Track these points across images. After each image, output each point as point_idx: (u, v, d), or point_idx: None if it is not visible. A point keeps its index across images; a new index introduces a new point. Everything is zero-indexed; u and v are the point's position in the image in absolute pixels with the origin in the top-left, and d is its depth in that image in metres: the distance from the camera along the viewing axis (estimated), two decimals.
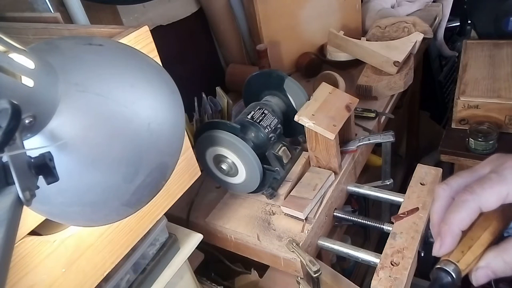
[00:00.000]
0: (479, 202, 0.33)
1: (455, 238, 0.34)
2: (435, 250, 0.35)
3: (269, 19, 1.13)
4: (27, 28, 0.57)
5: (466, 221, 0.33)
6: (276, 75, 0.80)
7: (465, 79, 1.03)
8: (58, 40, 0.32)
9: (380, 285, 0.59)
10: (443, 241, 0.34)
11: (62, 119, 0.27)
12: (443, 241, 0.34)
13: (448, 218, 0.34)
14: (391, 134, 0.81)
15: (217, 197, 0.82)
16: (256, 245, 0.72)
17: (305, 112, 0.73)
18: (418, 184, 0.73)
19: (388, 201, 0.77)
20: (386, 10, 1.34)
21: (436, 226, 0.36)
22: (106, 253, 0.49)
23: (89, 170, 0.29)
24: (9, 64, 0.23)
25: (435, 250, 0.35)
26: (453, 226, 0.34)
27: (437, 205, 0.37)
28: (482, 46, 1.15)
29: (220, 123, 0.72)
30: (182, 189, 0.60)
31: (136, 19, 0.98)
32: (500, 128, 0.95)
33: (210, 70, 1.25)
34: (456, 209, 0.34)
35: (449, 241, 0.34)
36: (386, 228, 0.70)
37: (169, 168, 0.36)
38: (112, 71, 0.31)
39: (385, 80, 1.02)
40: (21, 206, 0.24)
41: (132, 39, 0.46)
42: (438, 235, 0.35)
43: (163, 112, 0.33)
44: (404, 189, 0.73)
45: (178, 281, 0.66)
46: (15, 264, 0.39)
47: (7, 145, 0.22)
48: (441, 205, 0.36)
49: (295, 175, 0.78)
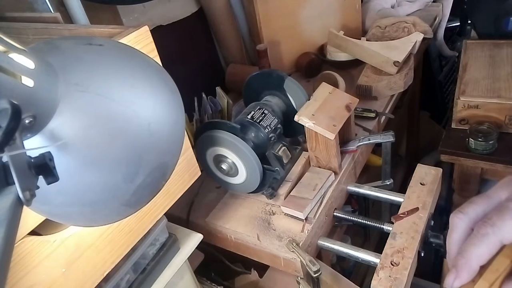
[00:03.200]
0: (500, 236, 0.31)
1: (472, 274, 0.32)
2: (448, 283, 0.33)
3: (269, 19, 1.13)
4: (27, 28, 0.57)
5: (485, 256, 0.32)
6: (276, 75, 0.80)
7: (465, 79, 1.03)
8: (58, 40, 0.32)
9: (380, 285, 0.59)
10: (459, 274, 0.32)
11: (62, 119, 0.27)
12: (459, 274, 0.32)
13: (466, 252, 0.32)
14: (391, 134, 0.81)
15: (217, 197, 0.82)
16: (256, 245, 0.72)
17: (305, 112, 0.73)
18: (418, 184, 0.73)
19: (388, 201, 0.77)
20: (386, 10, 1.34)
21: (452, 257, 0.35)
22: (106, 253, 0.49)
23: (89, 170, 0.29)
24: (9, 64, 0.23)
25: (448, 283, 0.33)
26: (471, 261, 0.32)
27: (454, 236, 0.35)
28: (482, 46, 1.15)
29: (220, 123, 0.72)
30: (182, 189, 0.60)
31: (136, 19, 0.98)
32: (500, 128, 0.95)
33: (210, 70, 1.25)
34: (476, 243, 0.32)
35: (465, 276, 0.32)
36: (386, 228, 0.70)
37: (169, 168, 0.36)
38: (112, 71, 0.31)
39: (385, 80, 1.02)
40: (21, 206, 0.24)
41: (132, 39, 0.46)
42: (453, 268, 0.33)
43: (163, 112, 0.33)
44: (404, 189, 0.73)
45: (178, 281, 0.66)
46: (15, 264, 0.39)
47: (7, 145, 0.22)
48: (458, 236, 0.35)
49: (295, 175, 0.78)
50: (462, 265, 0.32)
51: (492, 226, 0.31)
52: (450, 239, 0.35)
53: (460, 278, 0.32)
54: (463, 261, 0.32)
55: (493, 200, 0.34)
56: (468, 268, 0.32)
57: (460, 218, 0.35)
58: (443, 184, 0.76)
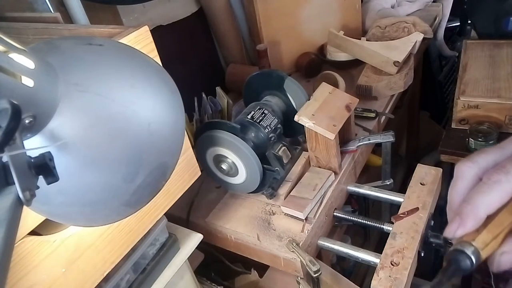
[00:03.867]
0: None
1: (478, 223, 0.29)
2: (450, 231, 0.30)
3: (269, 19, 1.13)
4: (27, 28, 0.57)
5: (495, 205, 0.29)
6: (276, 75, 0.80)
7: (465, 79, 1.03)
8: (58, 40, 0.32)
9: (380, 285, 0.59)
10: (463, 222, 0.29)
11: (62, 119, 0.27)
12: (463, 222, 0.29)
13: (473, 199, 0.29)
14: (391, 134, 0.81)
15: (217, 197, 0.82)
16: (256, 245, 0.72)
17: (305, 112, 0.73)
18: (418, 184, 0.73)
19: (388, 201, 0.77)
20: (386, 10, 1.34)
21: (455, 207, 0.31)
22: (106, 253, 0.49)
23: (89, 170, 0.29)
24: (9, 64, 0.23)
25: (450, 231, 0.30)
26: (478, 209, 0.29)
27: (460, 184, 0.31)
28: (482, 46, 1.15)
29: (220, 123, 0.72)
30: (182, 189, 0.60)
31: (136, 19, 0.98)
32: (500, 128, 0.95)
33: (210, 70, 1.25)
34: (486, 190, 0.29)
35: (470, 224, 0.29)
36: (386, 228, 0.70)
37: (169, 168, 0.36)
38: (112, 71, 0.31)
39: (385, 80, 1.02)
40: (21, 206, 0.24)
41: (132, 39, 0.46)
42: (457, 215, 0.30)
43: (163, 112, 0.33)
44: (404, 189, 0.73)
45: (178, 281, 0.66)
46: (15, 264, 0.39)
47: (7, 145, 0.22)
48: (465, 185, 0.31)
49: (295, 175, 0.78)
50: (468, 213, 0.29)
51: (506, 174, 0.29)
52: (455, 187, 0.32)
53: (464, 226, 0.29)
54: (469, 208, 0.29)
55: (506, 151, 0.31)
56: (474, 216, 0.29)
57: (469, 167, 0.32)
58: (443, 184, 0.76)
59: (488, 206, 0.29)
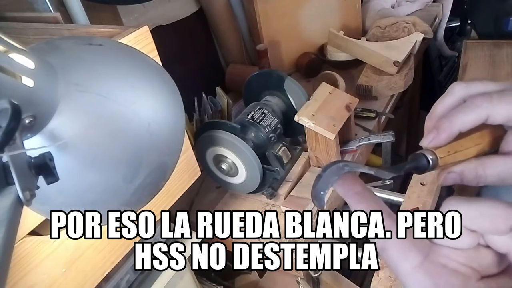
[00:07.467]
0: (491, 112, 0.31)
1: (450, 138, 0.33)
2: (425, 141, 0.34)
3: (269, 19, 1.13)
4: (27, 28, 0.57)
5: (470, 124, 0.32)
6: (276, 75, 0.80)
7: (465, 79, 1.03)
8: (58, 40, 0.32)
9: (380, 285, 0.59)
10: (439, 135, 0.33)
11: (62, 119, 0.27)
12: (439, 135, 0.33)
13: (453, 116, 0.32)
14: (391, 134, 0.81)
15: (217, 197, 0.82)
16: None
17: (305, 112, 0.73)
18: (418, 184, 0.73)
19: (388, 201, 0.77)
20: (386, 10, 1.34)
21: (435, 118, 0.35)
22: (106, 253, 0.49)
23: (89, 170, 0.29)
24: (9, 64, 0.23)
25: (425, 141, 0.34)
26: (455, 125, 0.32)
27: (446, 99, 0.35)
28: (482, 46, 1.15)
29: (220, 123, 0.72)
30: (182, 189, 0.60)
31: (136, 19, 0.98)
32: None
33: (210, 70, 1.25)
34: (465, 110, 0.32)
35: (444, 137, 0.33)
36: None
37: (169, 168, 0.36)
38: (112, 71, 0.31)
39: (385, 80, 1.02)
40: (21, 206, 0.24)
41: (132, 39, 0.46)
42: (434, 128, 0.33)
43: (163, 112, 0.33)
44: (404, 189, 0.73)
45: (178, 281, 0.66)
46: (15, 264, 0.39)
47: (7, 145, 0.22)
48: (451, 101, 0.34)
49: (295, 175, 0.78)
50: (445, 128, 0.32)
51: (488, 102, 0.31)
52: (442, 101, 0.35)
53: (438, 139, 0.33)
54: (447, 124, 0.32)
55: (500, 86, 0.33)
56: (449, 131, 0.32)
57: (462, 87, 0.34)
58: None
59: (463, 124, 0.32)
